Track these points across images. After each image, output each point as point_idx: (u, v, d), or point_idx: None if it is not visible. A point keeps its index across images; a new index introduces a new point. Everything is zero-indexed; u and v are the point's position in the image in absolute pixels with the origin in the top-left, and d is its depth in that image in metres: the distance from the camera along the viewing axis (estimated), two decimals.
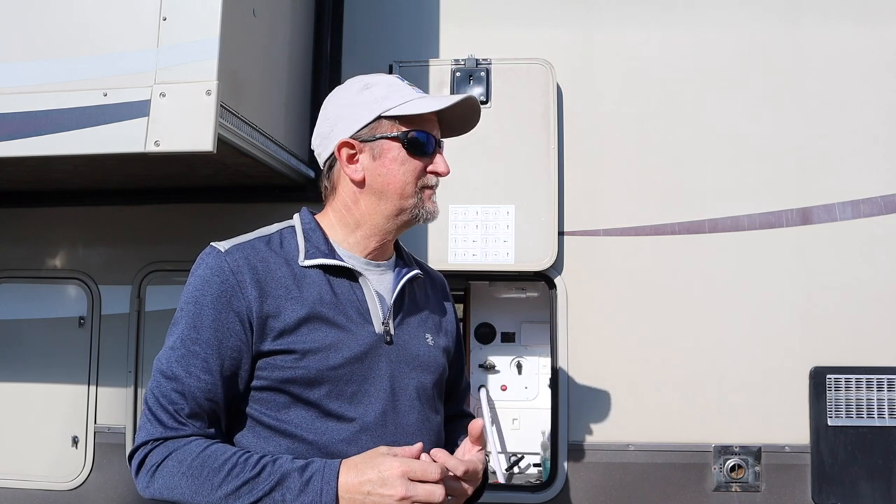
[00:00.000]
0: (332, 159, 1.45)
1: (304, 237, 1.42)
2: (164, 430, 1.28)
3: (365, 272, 1.44)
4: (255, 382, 1.33)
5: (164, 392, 1.29)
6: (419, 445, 1.28)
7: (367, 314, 1.41)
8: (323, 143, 1.47)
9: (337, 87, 1.51)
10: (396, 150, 1.42)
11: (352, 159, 1.42)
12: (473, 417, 1.63)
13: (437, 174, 1.47)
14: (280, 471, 1.22)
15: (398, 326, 1.45)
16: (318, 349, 1.33)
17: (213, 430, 1.32)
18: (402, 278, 1.48)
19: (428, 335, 1.51)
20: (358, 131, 1.41)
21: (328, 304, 1.37)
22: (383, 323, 1.42)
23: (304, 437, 1.32)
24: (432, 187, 1.48)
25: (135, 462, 1.29)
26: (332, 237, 1.46)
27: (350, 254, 1.45)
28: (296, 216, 1.49)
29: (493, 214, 2.61)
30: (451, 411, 1.67)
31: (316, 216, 1.49)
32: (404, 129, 1.42)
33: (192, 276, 1.36)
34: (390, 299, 1.46)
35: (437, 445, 1.43)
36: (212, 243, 1.39)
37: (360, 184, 1.43)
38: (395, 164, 1.42)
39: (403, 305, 1.49)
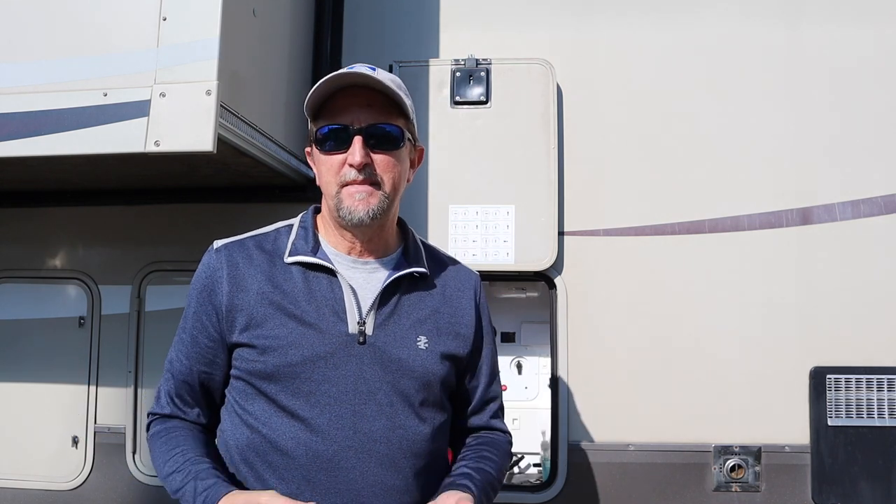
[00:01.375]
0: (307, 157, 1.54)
1: (297, 235, 1.46)
2: (158, 406, 1.49)
3: (345, 270, 1.41)
4: (231, 371, 1.45)
5: (166, 372, 1.50)
6: None
7: (343, 313, 1.38)
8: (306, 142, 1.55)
9: None
10: (316, 149, 1.42)
11: (308, 155, 1.50)
12: (505, 433, 1.62)
13: (351, 166, 1.36)
14: (191, 475, 1.35)
15: (380, 327, 1.40)
16: (279, 346, 1.35)
17: (192, 410, 1.48)
18: (390, 277, 1.43)
19: (422, 338, 1.43)
20: (310, 132, 1.44)
21: (301, 301, 1.37)
22: (359, 323, 1.38)
23: (259, 429, 1.37)
24: (349, 182, 1.37)
25: (146, 428, 1.51)
26: (323, 235, 1.47)
27: (335, 251, 1.44)
28: (304, 213, 1.53)
29: (493, 214, 2.61)
30: (475, 423, 1.59)
31: (318, 214, 1.53)
32: (315, 126, 1.41)
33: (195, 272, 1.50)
34: (373, 298, 1.41)
35: (418, 456, 1.39)
36: (214, 241, 1.50)
37: (320, 182, 1.45)
38: (319, 164, 1.42)
39: (391, 305, 1.43)
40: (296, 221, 1.51)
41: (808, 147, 2.61)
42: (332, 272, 1.40)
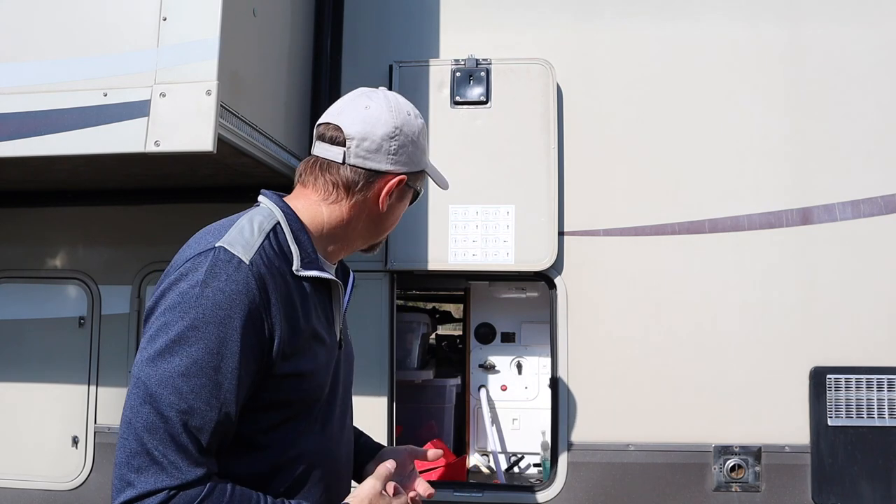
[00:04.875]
0: (373, 174, 1.37)
1: (295, 240, 1.32)
2: (178, 474, 1.10)
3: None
4: (256, 402, 1.23)
5: (177, 429, 1.11)
6: (392, 463, 1.35)
7: (332, 321, 1.39)
8: (379, 158, 1.37)
9: (404, 104, 1.45)
10: (408, 199, 1.48)
11: (389, 193, 1.39)
12: None
13: None
14: None
15: (343, 328, 1.46)
16: (314, 370, 1.30)
17: (215, 464, 1.18)
18: (349, 285, 1.47)
19: (349, 331, 1.54)
20: (412, 172, 1.43)
21: (312, 318, 1.31)
22: (340, 329, 1.42)
23: (287, 452, 1.27)
24: None
25: None
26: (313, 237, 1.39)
27: (324, 260, 1.40)
28: (273, 207, 1.37)
29: (493, 214, 2.61)
30: None
31: (296, 210, 1.38)
32: (419, 183, 1.49)
33: (209, 288, 1.16)
34: (344, 305, 1.43)
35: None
36: (226, 245, 1.22)
37: (375, 215, 1.41)
38: (402, 209, 1.48)
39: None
40: (280, 220, 1.34)
41: (808, 147, 2.61)
42: (329, 285, 1.38)
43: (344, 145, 1.35)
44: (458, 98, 2.65)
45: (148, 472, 1.10)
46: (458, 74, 2.66)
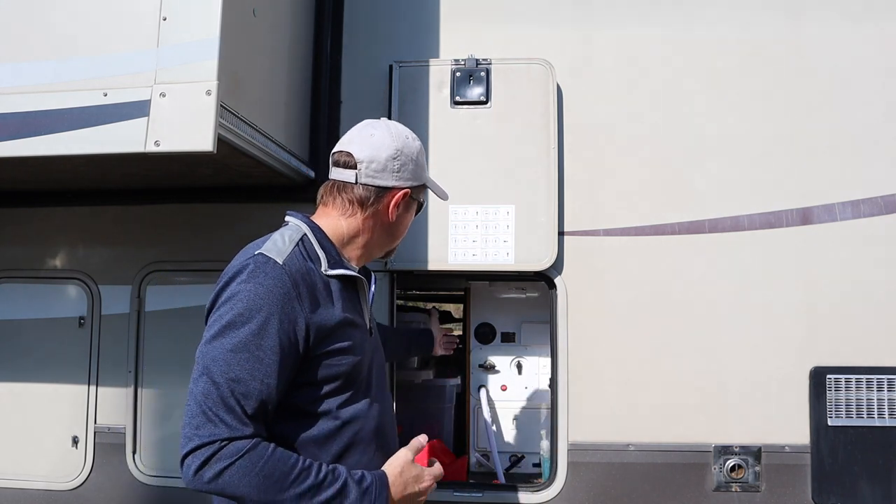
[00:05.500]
0: (381, 190, 1.66)
1: (321, 247, 1.60)
2: (228, 430, 1.38)
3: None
4: (305, 378, 1.52)
5: (226, 394, 1.40)
6: (425, 437, 1.67)
7: (361, 313, 1.67)
8: (385, 176, 1.66)
9: (403, 130, 1.72)
10: (413, 210, 1.78)
11: (397, 205, 1.69)
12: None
13: None
14: (340, 480, 1.46)
15: (370, 320, 1.73)
16: (351, 348, 1.57)
17: (264, 428, 1.45)
18: (372, 284, 1.76)
19: (374, 321, 1.81)
20: (414, 187, 1.72)
21: (349, 306, 1.60)
22: (368, 319, 1.70)
23: (340, 416, 1.56)
24: None
25: (197, 458, 1.37)
26: (336, 246, 1.67)
27: (348, 263, 1.68)
28: (300, 223, 1.64)
29: (493, 214, 2.61)
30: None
31: (320, 225, 1.66)
32: (421, 196, 1.79)
33: (251, 283, 1.46)
34: (370, 299, 1.73)
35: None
36: (264, 252, 1.51)
37: (386, 224, 1.70)
38: (409, 218, 1.79)
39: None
40: (307, 233, 1.61)
41: (808, 147, 2.61)
42: (354, 281, 1.65)
43: (355, 168, 1.65)
44: (458, 98, 2.65)
45: (205, 428, 1.39)
46: (458, 74, 2.66)
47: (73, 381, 2.82)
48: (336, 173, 1.68)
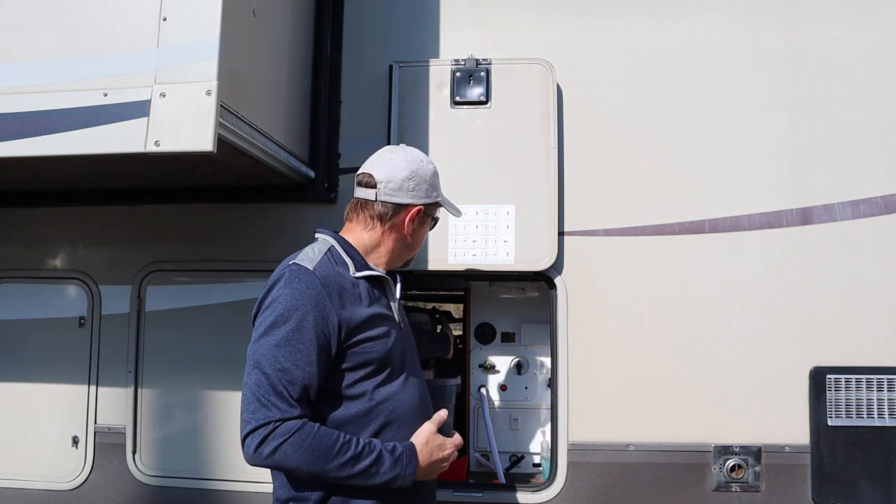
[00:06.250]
0: (398, 207, 1.88)
1: (348, 255, 1.84)
2: (280, 412, 1.62)
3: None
4: (341, 365, 1.74)
5: (275, 382, 1.63)
6: (445, 412, 1.90)
7: (391, 309, 1.89)
8: (401, 194, 1.87)
9: (418, 154, 1.94)
10: (427, 224, 2.00)
11: (412, 220, 1.90)
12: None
13: None
14: (375, 451, 1.68)
15: (399, 314, 1.94)
16: (381, 336, 1.79)
17: (309, 411, 1.68)
18: (398, 283, 1.99)
19: (404, 316, 2.01)
20: (427, 204, 1.92)
21: (377, 303, 1.82)
22: (397, 314, 1.91)
23: (375, 398, 1.77)
24: None
25: (255, 438, 1.61)
26: (360, 254, 1.89)
27: (375, 267, 1.89)
28: (327, 237, 1.87)
29: (493, 214, 2.61)
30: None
31: (346, 238, 1.88)
32: (435, 210, 2.00)
33: (287, 289, 1.70)
34: (398, 297, 1.96)
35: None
36: (297, 262, 1.75)
37: (403, 237, 1.91)
38: (424, 232, 2.01)
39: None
40: (334, 244, 1.84)
41: (808, 147, 2.61)
42: (382, 281, 1.88)
43: (375, 187, 1.87)
44: (458, 98, 2.65)
45: (260, 412, 1.62)
46: (458, 74, 2.66)
47: (74, 381, 2.82)
48: (359, 192, 1.90)
